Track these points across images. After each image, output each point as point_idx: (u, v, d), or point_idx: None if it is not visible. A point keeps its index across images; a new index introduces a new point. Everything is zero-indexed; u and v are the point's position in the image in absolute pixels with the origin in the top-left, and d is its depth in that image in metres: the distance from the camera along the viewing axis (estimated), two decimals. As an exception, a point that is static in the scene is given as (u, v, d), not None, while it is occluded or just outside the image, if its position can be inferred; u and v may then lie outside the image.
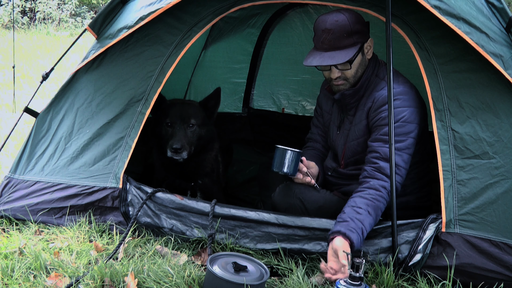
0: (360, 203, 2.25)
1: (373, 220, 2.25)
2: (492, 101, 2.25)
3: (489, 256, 2.17)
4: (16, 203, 2.73)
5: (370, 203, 2.26)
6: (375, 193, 2.28)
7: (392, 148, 2.22)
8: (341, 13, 2.42)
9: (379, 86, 2.47)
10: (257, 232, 2.45)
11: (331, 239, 2.17)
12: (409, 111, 2.36)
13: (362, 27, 2.44)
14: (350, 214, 2.21)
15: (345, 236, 2.14)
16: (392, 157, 2.22)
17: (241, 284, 1.95)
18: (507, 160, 2.21)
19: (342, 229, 2.15)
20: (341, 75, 2.48)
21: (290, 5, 3.89)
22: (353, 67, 2.46)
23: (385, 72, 2.50)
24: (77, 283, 2.11)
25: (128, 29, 2.63)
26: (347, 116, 2.61)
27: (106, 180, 2.66)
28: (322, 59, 2.41)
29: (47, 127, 2.84)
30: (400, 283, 2.21)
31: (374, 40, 2.53)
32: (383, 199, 2.29)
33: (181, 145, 2.77)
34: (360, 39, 2.43)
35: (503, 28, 2.24)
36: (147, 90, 2.70)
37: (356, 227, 2.17)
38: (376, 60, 2.56)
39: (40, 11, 13.28)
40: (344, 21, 2.38)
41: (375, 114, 2.42)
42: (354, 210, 2.23)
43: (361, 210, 2.23)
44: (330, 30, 2.39)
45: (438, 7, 2.21)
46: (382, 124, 2.38)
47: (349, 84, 2.51)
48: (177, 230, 2.55)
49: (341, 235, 2.14)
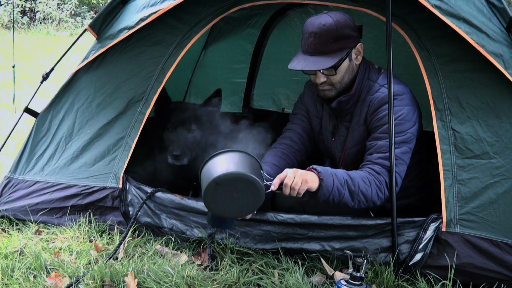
0: (352, 173, 2.25)
1: (362, 188, 2.21)
2: (492, 101, 2.25)
3: (489, 256, 2.17)
4: (16, 203, 2.74)
5: (364, 174, 2.24)
6: (372, 178, 2.26)
7: (392, 148, 2.21)
8: (330, 16, 2.35)
9: (373, 90, 2.43)
10: (257, 231, 2.45)
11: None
12: (407, 109, 2.34)
13: (351, 32, 2.37)
14: (336, 170, 2.21)
15: (317, 172, 2.13)
16: (392, 158, 2.22)
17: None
18: (507, 160, 2.21)
19: (318, 168, 2.15)
20: (327, 81, 2.43)
21: (290, 5, 3.89)
22: (339, 73, 2.40)
23: (377, 75, 2.48)
24: (77, 283, 2.11)
25: (129, 30, 2.64)
26: (342, 122, 2.56)
27: (106, 180, 2.67)
28: (306, 63, 2.35)
29: (47, 127, 2.85)
30: (400, 283, 2.21)
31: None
32: (380, 187, 2.25)
33: (181, 152, 2.76)
34: (347, 44, 2.37)
35: (504, 28, 2.24)
36: (147, 90, 2.71)
37: (333, 174, 2.16)
38: (366, 63, 2.51)
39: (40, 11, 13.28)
40: (331, 26, 2.32)
41: (372, 117, 2.40)
42: (345, 172, 2.23)
43: (350, 174, 2.22)
44: (316, 34, 2.33)
45: (439, 6, 2.21)
46: (379, 124, 2.36)
47: (335, 90, 2.46)
48: (177, 230, 2.55)
49: (315, 170, 2.14)
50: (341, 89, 2.46)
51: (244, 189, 1.96)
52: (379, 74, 2.47)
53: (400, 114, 2.32)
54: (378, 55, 2.63)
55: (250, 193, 1.97)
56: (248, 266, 2.32)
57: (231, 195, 1.97)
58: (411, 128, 2.34)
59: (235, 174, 1.95)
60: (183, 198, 2.57)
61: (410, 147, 2.34)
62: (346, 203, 2.22)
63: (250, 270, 2.29)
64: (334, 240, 2.35)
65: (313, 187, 2.13)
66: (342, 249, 2.34)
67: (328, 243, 2.36)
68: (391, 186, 2.22)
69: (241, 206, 2.01)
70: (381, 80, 2.44)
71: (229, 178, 1.95)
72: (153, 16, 2.57)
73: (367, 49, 2.50)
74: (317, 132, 2.70)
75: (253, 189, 1.96)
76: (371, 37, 3.27)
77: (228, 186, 1.95)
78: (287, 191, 2.10)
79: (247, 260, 2.37)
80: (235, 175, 1.95)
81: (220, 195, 1.97)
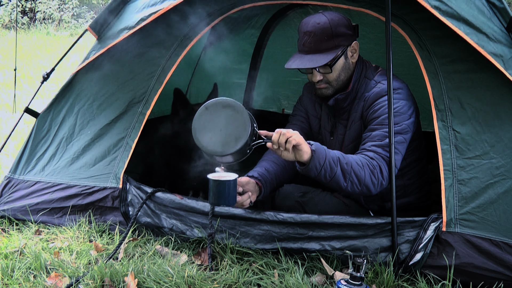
0: (345, 154, 2.24)
1: (355, 168, 2.19)
2: (493, 102, 2.25)
3: (489, 255, 2.17)
4: (16, 203, 2.74)
5: (358, 157, 2.24)
6: (365, 161, 2.24)
7: (392, 148, 2.22)
8: (324, 15, 2.39)
9: (370, 86, 2.45)
10: (257, 230, 2.45)
11: None
12: (402, 103, 2.35)
13: (345, 30, 2.40)
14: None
15: (310, 144, 2.13)
16: (392, 158, 2.22)
17: None
18: (508, 160, 2.21)
19: (311, 142, 2.15)
20: (323, 79, 2.45)
21: (290, 5, 3.89)
22: (335, 71, 2.43)
23: (374, 73, 2.49)
24: (77, 283, 2.11)
25: (129, 30, 2.64)
26: (339, 120, 2.57)
27: (106, 180, 2.67)
28: (301, 62, 2.39)
29: (47, 128, 2.85)
30: (400, 283, 2.21)
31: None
32: (373, 171, 2.22)
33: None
34: (342, 42, 2.39)
35: (504, 28, 2.24)
36: (147, 91, 2.71)
37: (326, 149, 2.16)
38: (363, 62, 2.53)
39: (40, 11, 13.29)
40: (326, 24, 2.35)
41: (368, 111, 2.41)
42: (338, 151, 2.22)
43: (343, 154, 2.21)
44: (311, 33, 2.37)
45: (438, 7, 2.21)
46: (374, 117, 2.36)
47: (332, 88, 2.48)
48: (177, 229, 2.55)
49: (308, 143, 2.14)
50: (338, 87, 2.48)
51: (231, 119, 2.03)
52: (376, 72, 2.50)
53: (395, 107, 2.32)
54: (378, 55, 2.64)
55: (236, 124, 2.04)
56: (248, 266, 2.32)
57: (218, 125, 2.04)
58: (406, 121, 2.34)
59: (224, 100, 2.06)
60: (183, 198, 2.58)
61: (405, 137, 2.34)
62: (339, 182, 2.19)
63: (250, 270, 2.29)
64: (334, 240, 2.35)
65: (304, 153, 2.09)
66: (342, 249, 2.34)
67: (328, 242, 2.36)
68: (391, 186, 2.22)
69: (225, 141, 2.04)
70: (378, 77, 2.46)
71: (218, 102, 2.06)
72: (153, 16, 2.58)
73: (367, 49, 2.51)
74: (316, 132, 2.71)
75: (239, 120, 2.04)
76: (371, 38, 3.28)
77: (216, 113, 2.05)
78: (276, 136, 2.08)
79: (247, 260, 2.37)
80: (224, 101, 2.06)
81: (207, 122, 2.05)
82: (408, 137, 2.35)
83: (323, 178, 2.17)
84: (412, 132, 2.38)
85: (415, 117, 2.41)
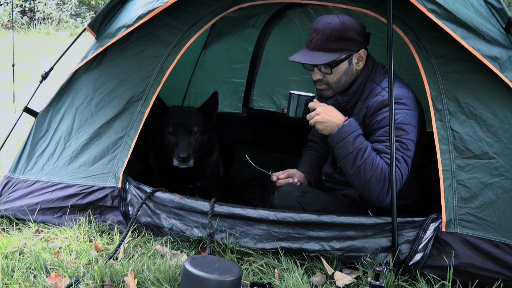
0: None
1: (368, 155, 2.28)
2: (491, 102, 2.25)
3: (489, 256, 2.17)
4: (16, 202, 2.73)
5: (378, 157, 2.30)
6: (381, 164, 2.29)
7: (392, 149, 2.21)
8: (338, 17, 2.40)
9: (375, 92, 2.43)
10: (257, 230, 2.45)
11: None
12: (405, 113, 2.33)
13: (355, 35, 2.40)
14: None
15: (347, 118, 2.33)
16: (392, 159, 2.22)
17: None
18: (507, 160, 2.21)
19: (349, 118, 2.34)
20: (323, 79, 2.47)
21: (289, 5, 3.89)
22: (335, 73, 2.43)
23: (382, 76, 2.48)
24: (77, 283, 2.11)
25: (127, 28, 2.63)
26: None
27: (106, 180, 2.67)
28: (304, 56, 2.42)
29: (46, 127, 2.84)
30: (400, 283, 2.21)
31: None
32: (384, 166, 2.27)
33: (188, 154, 2.78)
34: (349, 46, 2.40)
35: (503, 28, 2.24)
36: (146, 89, 2.70)
37: (357, 133, 2.30)
38: (374, 64, 2.52)
39: (40, 11, 13.28)
40: (336, 25, 2.37)
41: (370, 120, 2.40)
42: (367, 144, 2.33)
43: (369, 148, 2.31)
44: (320, 31, 2.39)
45: (435, 11, 2.21)
46: (378, 127, 2.36)
47: (332, 90, 2.49)
48: (177, 229, 2.55)
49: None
50: (338, 90, 2.49)
51: None
52: (384, 76, 2.47)
53: (397, 118, 2.30)
54: (378, 55, 2.63)
55: None
56: (248, 266, 2.32)
57: None
58: (410, 133, 2.33)
59: None
60: (183, 198, 2.58)
61: (411, 145, 2.34)
62: (347, 167, 2.30)
63: (250, 270, 2.29)
64: (334, 240, 2.36)
65: (333, 123, 2.31)
66: (341, 249, 2.34)
67: (327, 243, 2.36)
68: (391, 186, 2.22)
69: None
70: (384, 83, 2.43)
71: None
72: (152, 13, 2.57)
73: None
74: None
75: None
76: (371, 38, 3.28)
77: None
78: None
79: (247, 260, 2.37)
80: None
81: None
82: (413, 145, 2.34)
83: (336, 152, 2.32)
84: (415, 139, 2.36)
85: (418, 125, 2.38)
